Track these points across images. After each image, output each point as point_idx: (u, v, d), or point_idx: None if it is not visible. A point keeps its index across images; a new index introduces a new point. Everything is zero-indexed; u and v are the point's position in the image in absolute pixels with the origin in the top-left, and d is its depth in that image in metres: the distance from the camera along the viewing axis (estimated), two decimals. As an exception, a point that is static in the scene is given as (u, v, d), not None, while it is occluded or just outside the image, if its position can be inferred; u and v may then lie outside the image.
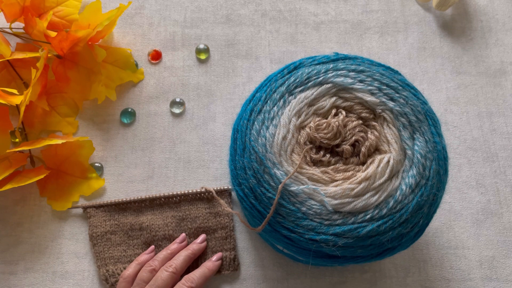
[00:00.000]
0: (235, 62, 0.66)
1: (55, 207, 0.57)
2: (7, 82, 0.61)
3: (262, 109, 0.49)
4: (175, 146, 0.61)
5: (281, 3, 0.69)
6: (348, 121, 0.48)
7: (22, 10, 0.61)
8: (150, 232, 0.55)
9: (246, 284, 0.55)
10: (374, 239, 0.44)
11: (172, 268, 0.50)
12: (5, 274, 0.55)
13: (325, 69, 0.50)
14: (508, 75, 0.66)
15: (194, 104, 0.63)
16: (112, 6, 0.68)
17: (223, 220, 0.56)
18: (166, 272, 0.50)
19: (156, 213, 0.56)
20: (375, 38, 0.67)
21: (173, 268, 0.50)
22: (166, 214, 0.56)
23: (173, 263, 0.51)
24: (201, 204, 0.57)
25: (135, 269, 0.52)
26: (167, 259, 0.52)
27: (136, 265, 0.52)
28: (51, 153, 0.59)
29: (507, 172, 0.61)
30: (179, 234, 0.56)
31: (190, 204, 0.57)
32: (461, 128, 0.63)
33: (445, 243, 0.57)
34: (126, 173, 0.60)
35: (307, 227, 0.44)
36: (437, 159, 0.47)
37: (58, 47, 0.58)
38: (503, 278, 0.56)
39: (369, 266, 0.56)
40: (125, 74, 0.63)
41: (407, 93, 0.49)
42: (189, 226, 0.56)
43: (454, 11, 0.70)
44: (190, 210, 0.56)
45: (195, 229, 0.56)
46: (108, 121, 0.62)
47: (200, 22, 0.67)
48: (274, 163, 0.46)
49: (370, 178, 0.45)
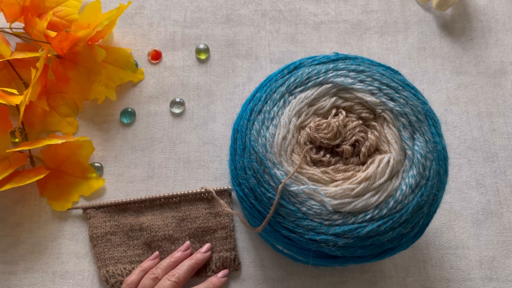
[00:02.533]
0: (235, 62, 0.66)
1: (55, 207, 0.57)
2: (7, 82, 0.61)
3: (262, 109, 0.49)
4: (175, 146, 0.61)
5: (281, 3, 0.69)
6: (348, 121, 0.48)
7: (22, 10, 0.61)
8: (150, 233, 0.55)
9: (246, 284, 0.55)
10: (374, 239, 0.44)
11: (175, 277, 0.50)
12: (5, 274, 0.55)
13: (325, 69, 0.50)
14: (508, 75, 0.66)
15: (194, 104, 0.63)
16: (112, 6, 0.68)
17: (223, 220, 0.56)
18: (169, 282, 0.50)
19: (156, 214, 0.56)
20: (375, 38, 0.67)
21: (176, 277, 0.50)
22: (166, 214, 0.56)
23: (176, 273, 0.51)
24: (201, 205, 0.57)
25: (138, 276, 0.52)
26: (171, 267, 0.52)
27: (139, 272, 0.52)
28: (51, 153, 0.59)
29: (507, 172, 0.61)
30: (179, 234, 0.56)
31: (190, 205, 0.57)
32: (461, 128, 0.63)
33: (445, 243, 0.57)
34: (126, 173, 0.60)
35: (307, 227, 0.44)
36: (437, 159, 0.47)
37: (58, 47, 0.58)
38: (503, 278, 0.56)
39: (369, 266, 0.56)
40: (125, 74, 0.63)
41: (407, 93, 0.49)
42: (189, 226, 0.56)
43: (454, 11, 0.70)
44: (190, 210, 0.56)
45: (195, 229, 0.56)
46: (108, 121, 0.62)
47: (200, 22, 0.67)
48: (274, 163, 0.46)
49: (370, 178, 0.45)
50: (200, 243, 0.56)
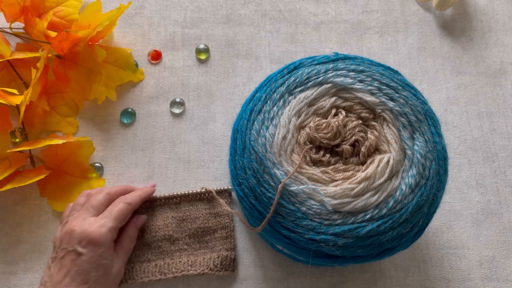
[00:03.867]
0: (235, 62, 0.66)
1: (55, 207, 0.57)
2: (7, 82, 0.61)
3: (262, 109, 0.49)
4: (175, 146, 0.61)
5: (281, 3, 0.69)
6: (348, 121, 0.48)
7: (22, 10, 0.61)
8: (150, 233, 0.55)
9: (246, 284, 0.55)
10: (374, 239, 0.44)
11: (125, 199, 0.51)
12: (5, 274, 0.55)
13: (325, 69, 0.50)
14: (508, 75, 0.66)
15: (194, 104, 0.63)
16: (112, 6, 0.68)
17: (224, 220, 0.56)
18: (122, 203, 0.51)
19: (156, 214, 0.56)
20: (375, 38, 0.67)
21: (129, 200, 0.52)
22: (166, 215, 0.56)
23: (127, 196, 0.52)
24: (201, 205, 0.57)
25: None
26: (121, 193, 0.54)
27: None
28: (51, 153, 0.59)
29: (507, 172, 0.61)
30: (179, 234, 0.56)
31: (190, 205, 0.57)
32: (461, 128, 0.63)
33: (445, 243, 0.57)
34: (126, 173, 0.60)
35: (307, 227, 0.44)
36: (437, 159, 0.47)
37: (58, 47, 0.58)
38: (503, 278, 0.56)
39: (369, 266, 0.56)
40: (125, 74, 0.63)
41: (407, 93, 0.49)
42: (189, 226, 0.56)
43: (454, 11, 0.70)
44: (190, 210, 0.56)
45: (195, 230, 0.56)
46: (108, 121, 0.62)
47: (200, 22, 0.68)
48: (274, 163, 0.46)
49: (370, 178, 0.45)
50: (200, 243, 0.56)
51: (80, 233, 0.46)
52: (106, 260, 0.47)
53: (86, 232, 0.46)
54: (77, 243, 0.46)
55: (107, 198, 0.51)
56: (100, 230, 0.47)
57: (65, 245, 0.47)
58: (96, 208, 0.50)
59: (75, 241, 0.46)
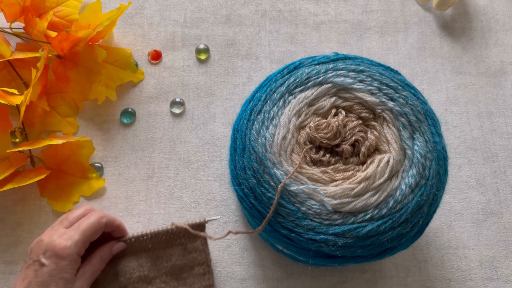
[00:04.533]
0: (235, 62, 0.66)
1: (55, 208, 0.57)
2: (7, 82, 0.61)
3: (262, 109, 0.49)
4: (175, 146, 0.61)
5: (281, 3, 0.69)
6: (348, 121, 0.48)
7: (22, 10, 0.61)
8: (125, 275, 0.51)
9: (246, 284, 0.55)
10: (374, 239, 0.44)
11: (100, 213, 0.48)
12: (5, 274, 0.55)
13: (325, 69, 0.50)
14: (508, 75, 0.66)
15: (194, 104, 0.63)
16: (112, 6, 0.68)
17: (199, 256, 0.52)
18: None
19: (128, 254, 0.51)
20: (375, 38, 0.67)
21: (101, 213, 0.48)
22: (139, 254, 0.51)
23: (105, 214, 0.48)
24: (174, 240, 0.52)
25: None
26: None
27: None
28: (51, 153, 0.59)
29: (507, 172, 0.61)
30: (155, 273, 0.51)
31: (163, 241, 0.52)
32: (461, 128, 0.63)
33: (445, 243, 0.57)
34: (126, 173, 0.60)
35: (307, 227, 0.44)
36: (437, 159, 0.47)
37: (58, 47, 0.58)
38: (503, 278, 0.56)
39: (369, 266, 0.56)
40: (125, 74, 0.63)
41: (407, 93, 0.49)
42: (164, 264, 0.51)
43: (454, 11, 0.70)
44: (164, 248, 0.52)
45: (171, 267, 0.51)
46: (108, 121, 0.62)
47: (200, 22, 0.68)
48: (274, 163, 0.46)
49: (370, 178, 0.45)
50: (178, 280, 0.52)
51: (47, 243, 0.45)
52: (68, 274, 0.45)
53: (53, 243, 0.45)
54: (42, 254, 0.44)
55: (85, 214, 0.48)
56: (66, 242, 0.45)
57: (32, 254, 0.45)
58: (70, 221, 0.48)
59: (40, 251, 0.45)
